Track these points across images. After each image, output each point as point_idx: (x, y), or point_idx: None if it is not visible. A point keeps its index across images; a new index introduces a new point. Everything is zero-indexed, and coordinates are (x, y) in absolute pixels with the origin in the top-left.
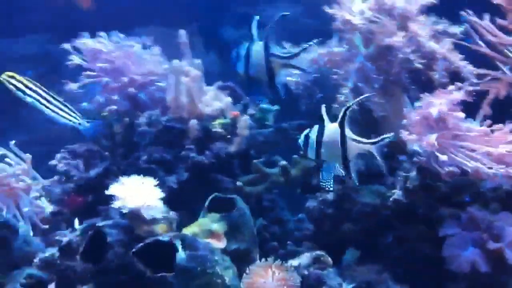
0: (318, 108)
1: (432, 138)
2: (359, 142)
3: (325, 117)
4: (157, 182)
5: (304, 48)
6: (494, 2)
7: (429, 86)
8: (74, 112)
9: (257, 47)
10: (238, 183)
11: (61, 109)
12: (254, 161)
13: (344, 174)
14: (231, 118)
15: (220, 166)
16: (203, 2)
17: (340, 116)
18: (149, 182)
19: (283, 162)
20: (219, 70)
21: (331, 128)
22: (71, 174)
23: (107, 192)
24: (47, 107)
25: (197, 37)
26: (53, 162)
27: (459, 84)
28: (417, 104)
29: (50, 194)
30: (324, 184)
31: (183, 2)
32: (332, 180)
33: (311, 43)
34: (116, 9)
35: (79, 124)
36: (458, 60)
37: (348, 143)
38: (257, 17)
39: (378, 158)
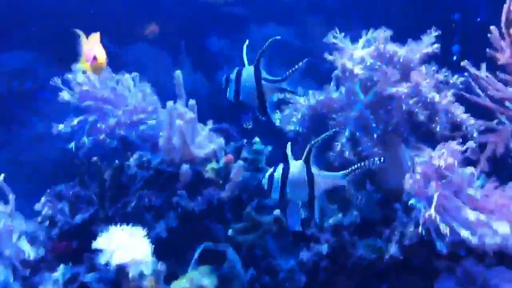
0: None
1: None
2: (327, 177)
3: (289, 155)
4: (146, 232)
5: (294, 69)
6: (499, 63)
7: (429, 138)
8: None
9: (248, 71)
10: (230, 232)
11: None
12: (247, 208)
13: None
14: (225, 163)
15: (212, 213)
16: (191, 19)
17: (305, 152)
18: (138, 233)
19: (277, 211)
20: (207, 90)
21: (296, 166)
22: (55, 219)
23: (93, 246)
24: None
25: (185, 55)
26: (38, 206)
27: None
28: (418, 159)
29: (33, 238)
30: (291, 224)
31: (169, 18)
32: (299, 219)
33: (301, 63)
34: (104, 27)
35: None
36: (460, 113)
37: (316, 179)
38: (247, 42)
39: (350, 191)
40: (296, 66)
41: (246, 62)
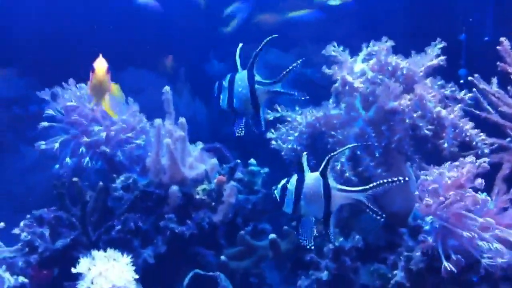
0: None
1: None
2: (345, 191)
3: (305, 166)
4: (131, 259)
5: (288, 71)
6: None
7: (435, 156)
8: None
9: (241, 77)
10: (222, 258)
11: None
12: (241, 232)
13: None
14: (217, 184)
15: (203, 238)
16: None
17: (323, 164)
18: (121, 260)
19: (273, 236)
20: (206, 117)
21: (312, 178)
22: (35, 244)
23: (73, 270)
24: None
25: (183, 82)
26: (16, 230)
27: (472, 157)
28: (424, 176)
29: (12, 265)
30: (303, 240)
31: (168, 46)
32: (312, 236)
33: (295, 64)
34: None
35: None
36: (469, 128)
37: (333, 193)
38: (241, 45)
39: (369, 208)
40: (290, 68)
41: (239, 66)
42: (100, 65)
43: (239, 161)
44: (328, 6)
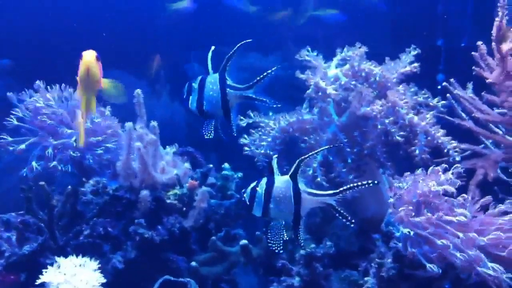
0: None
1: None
2: (314, 195)
3: (275, 169)
4: (98, 265)
5: (263, 76)
6: (487, 82)
7: (407, 162)
8: None
9: (212, 79)
10: (193, 264)
11: None
12: (212, 238)
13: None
14: (188, 189)
15: (174, 243)
16: (169, 47)
17: (293, 168)
18: (89, 265)
19: (244, 242)
20: (184, 119)
21: (282, 181)
22: (1, 249)
23: (38, 281)
24: None
25: (162, 84)
26: None
27: (444, 165)
28: (397, 184)
29: None
30: (273, 245)
31: (148, 47)
32: (282, 241)
33: (270, 71)
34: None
35: None
36: (441, 136)
37: (302, 197)
38: (213, 48)
39: (339, 212)
40: (264, 74)
41: (210, 69)
42: (89, 52)
43: (211, 165)
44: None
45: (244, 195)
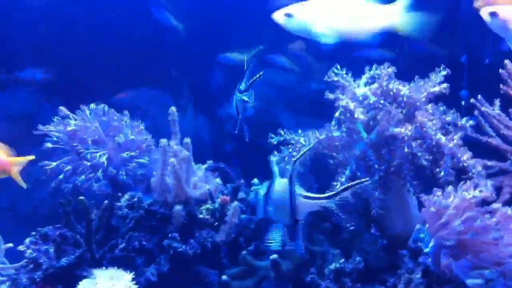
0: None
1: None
2: (311, 198)
3: (275, 171)
4: (133, 276)
5: (252, 82)
6: None
7: (433, 181)
8: None
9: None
10: (224, 278)
11: None
12: (243, 252)
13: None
14: (220, 204)
15: (206, 257)
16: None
17: (290, 170)
18: (124, 277)
19: (274, 256)
20: (209, 134)
21: (281, 184)
22: (39, 261)
23: None
24: None
25: (187, 99)
26: (21, 247)
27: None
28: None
29: (16, 282)
30: (270, 244)
31: (173, 63)
32: (280, 241)
33: (258, 75)
34: (106, 71)
35: None
36: (467, 159)
37: (298, 200)
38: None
39: (338, 216)
40: (254, 78)
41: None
42: None
43: (242, 181)
44: None
45: (250, 198)
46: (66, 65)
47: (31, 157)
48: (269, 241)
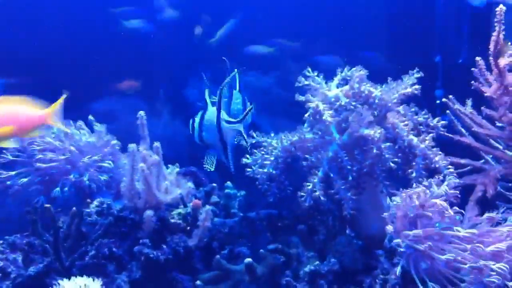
0: (286, 198)
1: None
2: (229, 122)
3: (208, 100)
4: (102, 286)
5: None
6: (485, 95)
7: (405, 182)
8: None
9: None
10: (198, 283)
11: None
12: (216, 256)
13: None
14: (192, 208)
15: (178, 262)
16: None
17: (217, 99)
18: (93, 285)
19: (248, 260)
20: (185, 139)
21: (211, 112)
22: (8, 270)
23: None
24: None
25: (163, 104)
26: None
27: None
28: (394, 199)
29: None
30: (206, 166)
31: (148, 68)
32: (214, 162)
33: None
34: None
35: None
36: (439, 160)
37: (222, 124)
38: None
39: (243, 136)
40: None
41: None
42: None
43: (215, 184)
44: None
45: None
46: (31, 70)
47: (62, 98)
48: (205, 163)
